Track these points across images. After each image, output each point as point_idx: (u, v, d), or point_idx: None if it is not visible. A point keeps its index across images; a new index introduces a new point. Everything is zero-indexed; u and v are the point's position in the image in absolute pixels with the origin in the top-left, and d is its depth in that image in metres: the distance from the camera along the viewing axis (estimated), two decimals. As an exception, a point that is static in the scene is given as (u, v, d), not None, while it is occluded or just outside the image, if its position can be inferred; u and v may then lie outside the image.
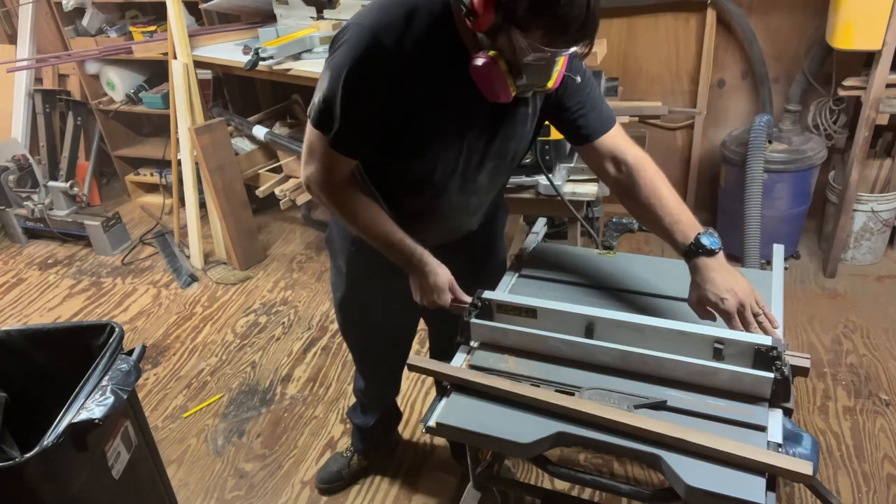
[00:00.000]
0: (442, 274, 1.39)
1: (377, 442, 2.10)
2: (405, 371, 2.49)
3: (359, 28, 1.17)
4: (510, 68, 1.12)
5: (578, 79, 1.26)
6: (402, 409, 2.34)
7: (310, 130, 1.28)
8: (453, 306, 1.40)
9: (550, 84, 1.19)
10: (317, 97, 1.24)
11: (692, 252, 1.28)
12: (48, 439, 1.18)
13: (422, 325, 1.83)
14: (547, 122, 1.45)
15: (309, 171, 1.32)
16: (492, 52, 1.11)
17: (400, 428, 2.25)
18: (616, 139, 1.38)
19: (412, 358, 1.36)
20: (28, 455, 1.15)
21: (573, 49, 1.08)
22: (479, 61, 1.12)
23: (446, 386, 1.28)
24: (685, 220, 1.31)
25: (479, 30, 1.09)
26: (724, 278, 1.25)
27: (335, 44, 1.21)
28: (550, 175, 2.14)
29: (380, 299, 1.63)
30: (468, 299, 1.38)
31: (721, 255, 1.28)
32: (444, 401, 1.26)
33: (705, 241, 1.27)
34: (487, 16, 1.05)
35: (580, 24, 1.03)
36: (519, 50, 1.07)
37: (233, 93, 3.79)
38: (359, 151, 1.29)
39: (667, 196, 1.34)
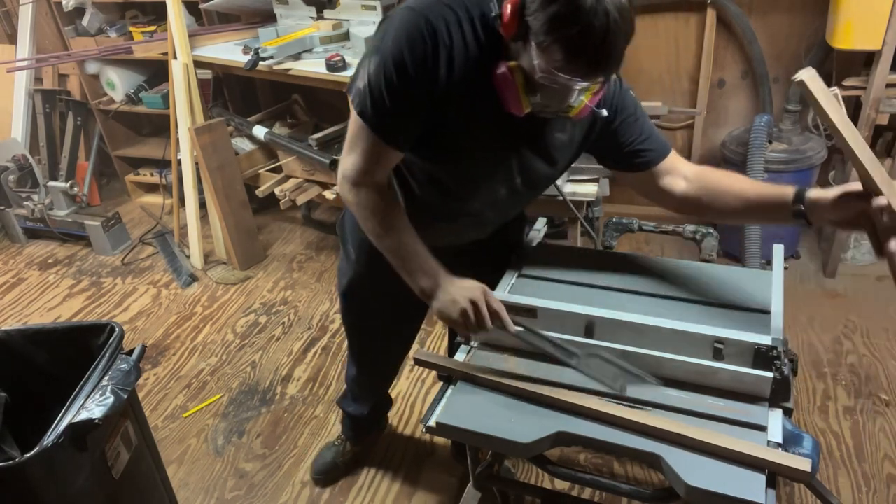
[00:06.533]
0: (471, 284, 1.26)
1: (368, 428, 2.12)
2: (406, 371, 2.51)
3: (409, 11, 1.15)
4: (527, 83, 1.11)
5: (604, 112, 1.22)
6: (402, 409, 2.35)
7: (353, 120, 1.23)
8: (496, 323, 1.26)
9: (573, 114, 1.16)
10: (361, 83, 1.19)
11: (799, 195, 1.16)
12: (48, 439, 1.18)
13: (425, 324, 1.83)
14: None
15: (347, 164, 1.26)
16: (512, 63, 1.10)
17: (400, 428, 2.25)
18: (675, 161, 1.37)
19: (418, 352, 1.36)
20: (28, 455, 1.16)
21: (584, 84, 1.06)
22: (500, 70, 1.11)
23: (451, 377, 1.29)
24: (771, 187, 1.23)
25: (506, 36, 1.08)
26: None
27: (381, 26, 1.19)
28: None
29: (387, 288, 1.58)
30: (504, 315, 1.26)
31: None
32: (444, 400, 1.26)
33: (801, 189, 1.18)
34: (512, 23, 1.05)
35: (594, 52, 1.00)
36: (531, 67, 1.06)
37: (233, 93, 3.80)
38: (403, 140, 1.24)
39: (740, 177, 1.30)
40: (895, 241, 1.04)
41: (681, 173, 1.36)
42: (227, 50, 3.13)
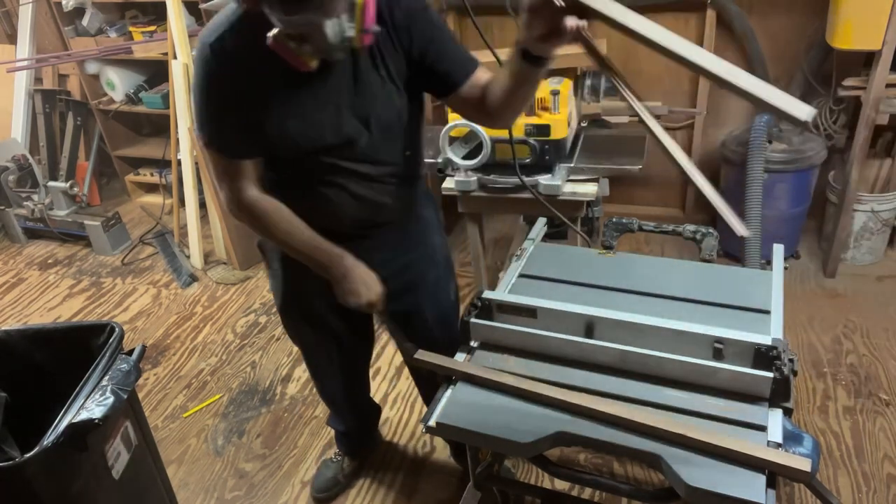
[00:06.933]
0: (367, 270, 1.43)
1: (362, 441, 2.12)
2: (406, 371, 2.51)
3: (198, 44, 1.26)
4: (291, 40, 1.14)
5: (377, 27, 1.21)
6: (402, 409, 2.35)
7: (206, 153, 1.37)
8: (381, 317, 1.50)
9: (357, 44, 1.18)
10: (195, 118, 1.33)
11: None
12: (48, 439, 1.18)
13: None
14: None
15: (222, 196, 1.38)
16: (274, 31, 1.13)
17: (400, 428, 2.25)
18: (483, 74, 1.34)
19: (419, 353, 1.36)
20: (28, 455, 1.16)
21: (309, 17, 1.09)
22: (268, 42, 1.14)
23: (451, 377, 1.29)
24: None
25: (252, 11, 1.12)
26: None
27: None
28: (549, 175, 2.14)
29: (319, 298, 1.59)
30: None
31: None
32: (444, 400, 1.26)
33: None
34: None
35: None
36: (273, 21, 1.11)
37: (233, 93, 3.79)
38: (244, 149, 1.33)
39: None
40: (569, 18, 1.01)
41: (485, 83, 1.33)
42: (227, 50, 3.13)
